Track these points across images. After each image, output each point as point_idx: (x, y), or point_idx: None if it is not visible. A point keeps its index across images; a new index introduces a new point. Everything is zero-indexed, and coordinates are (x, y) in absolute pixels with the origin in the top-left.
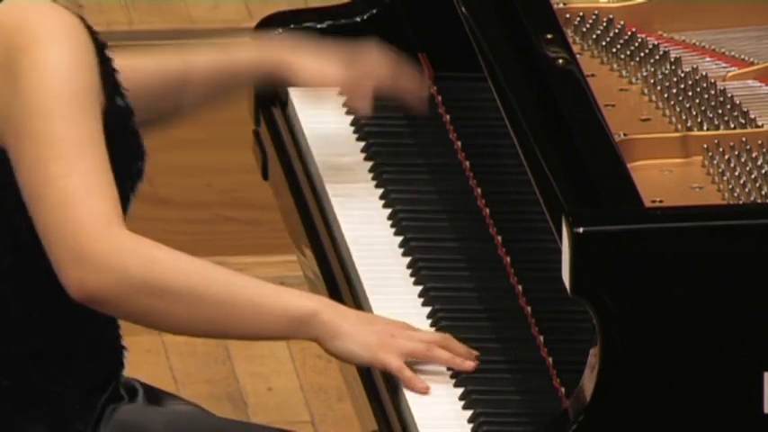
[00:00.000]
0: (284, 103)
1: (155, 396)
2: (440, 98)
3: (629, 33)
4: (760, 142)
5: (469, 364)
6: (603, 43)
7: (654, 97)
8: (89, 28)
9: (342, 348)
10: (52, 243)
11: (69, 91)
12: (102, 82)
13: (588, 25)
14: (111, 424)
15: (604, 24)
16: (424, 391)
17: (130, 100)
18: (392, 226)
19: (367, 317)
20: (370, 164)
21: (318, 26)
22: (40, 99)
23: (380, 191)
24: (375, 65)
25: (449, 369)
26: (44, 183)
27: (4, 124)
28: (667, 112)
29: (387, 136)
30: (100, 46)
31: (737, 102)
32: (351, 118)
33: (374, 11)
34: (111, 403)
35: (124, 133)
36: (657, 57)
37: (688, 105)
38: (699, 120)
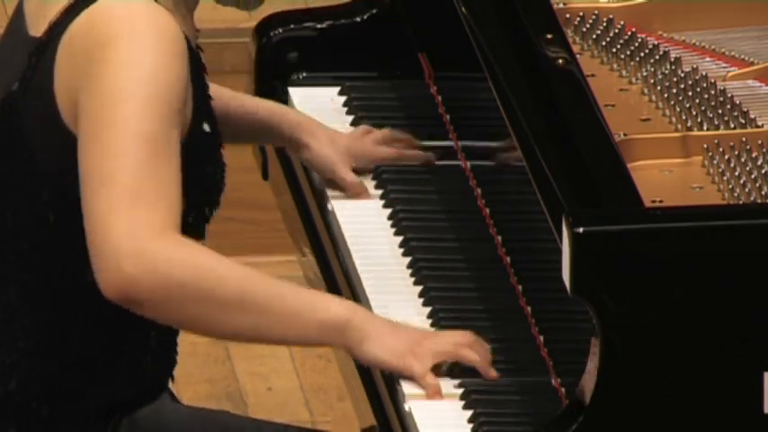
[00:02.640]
0: (284, 103)
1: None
2: (440, 98)
3: (629, 33)
4: (760, 142)
5: (494, 374)
6: (603, 43)
7: (654, 97)
8: (195, 49)
9: (371, 354)
10: (101, 238)
11: (156, 89)
12: (194, 103)
13: (588, 25)
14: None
15: (604, 24)
16: (440, 398)
17: None
18: (392, 226)
19: (394, 323)
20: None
21: (318, 26)
22: (125, 90)
23: (380, 191)
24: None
25: (449, 369)
26: (110, 174)
27: (78, 110)
28: (667, 112)
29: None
30: (201, 67)
31: (737, 102)
32: (351, 118)
33: (374, 11)
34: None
35: (204, 160)
36: (657, 57)
37: (688, 105)
38: (699, 120)
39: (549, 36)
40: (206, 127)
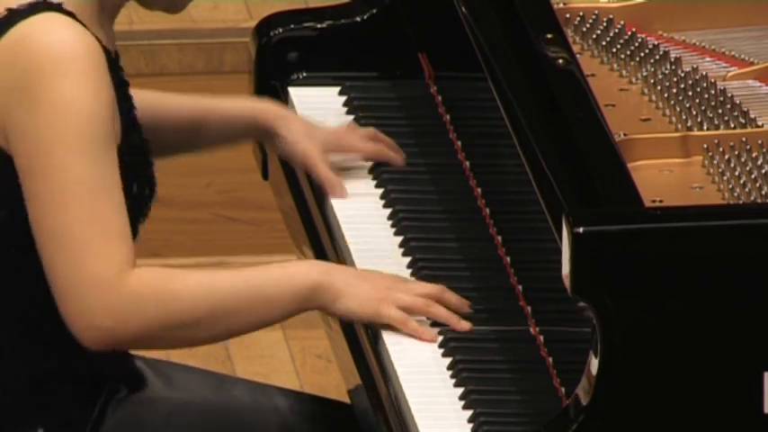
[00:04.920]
0: (284, 103)
1: (161, 374)
2: (440, 98)
3: (629, 33)
4: (760, 142)
5: (465, 325)
6: (603, 43)
7: (654, 97)
8: (114, 57)
9: (343, 309)
10: (67, 295)
11: (88, 127)
12: (121, 118)
13: (588, 25)
14: (111, 421)
15: (604, 24)
16: (433, 340)
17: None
18: (392, 226)
19: (360, 273)
20: (370, 164)
21: (318, 26)
22: (60, 135)
23: (380, 191)
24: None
25: (449, 369)
26: (60, 227)
27: (11, 135)
28: (667, 112)
29: (386, 136)
30: (124, 83)
31: (737, 102)
32: (351, 118)
33: (374, 11)
34: (111, 400)
35: (136, 170)
36: (657, 57)
37: (688, 105)
38: (699, 120)
39: (549, 36)
40: (135, 139)
